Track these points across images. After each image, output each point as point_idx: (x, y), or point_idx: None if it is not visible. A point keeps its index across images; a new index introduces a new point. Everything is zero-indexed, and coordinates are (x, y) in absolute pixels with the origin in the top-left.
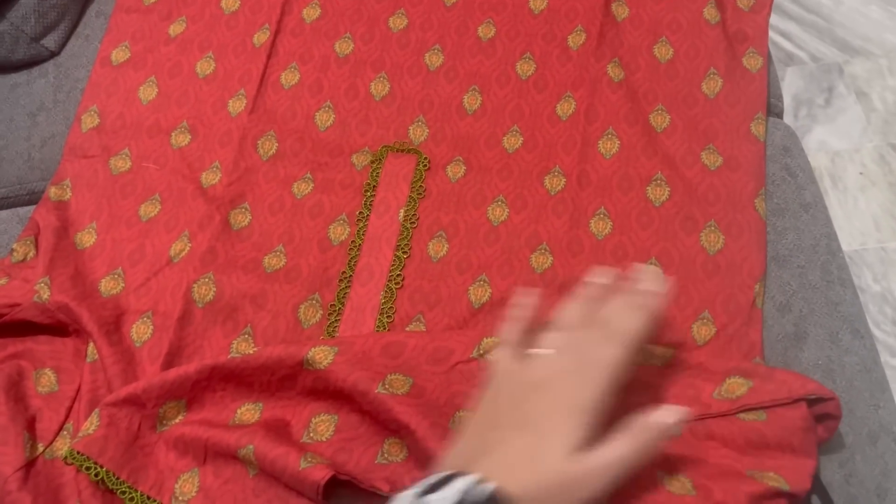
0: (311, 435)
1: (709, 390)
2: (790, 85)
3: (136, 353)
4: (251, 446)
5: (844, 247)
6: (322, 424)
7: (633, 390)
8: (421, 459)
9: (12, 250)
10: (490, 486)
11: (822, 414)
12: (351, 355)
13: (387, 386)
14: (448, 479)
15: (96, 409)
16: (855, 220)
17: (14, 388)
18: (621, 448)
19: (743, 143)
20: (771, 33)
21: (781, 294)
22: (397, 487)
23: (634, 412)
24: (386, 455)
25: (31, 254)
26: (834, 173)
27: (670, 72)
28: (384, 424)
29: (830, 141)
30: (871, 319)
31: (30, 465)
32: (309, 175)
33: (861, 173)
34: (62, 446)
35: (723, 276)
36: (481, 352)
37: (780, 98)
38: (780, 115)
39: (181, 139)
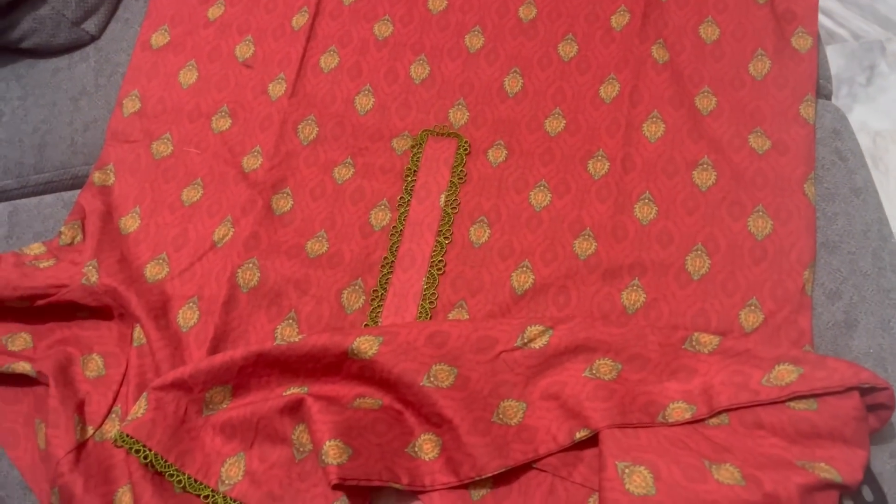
0: (356, 404)
1: (757, 377)
2: (830, 64)
3: (183, 338)
4: (305, 387)
5: None
6: (366, 404)
7: (679, 377)
8: (452, 460)
9: (60, 233)
10: None
11: (875, 404)
12: (396, 345)
13: (432, 378)
14: None
15: (144, 393)
16: None
17: (63, 373)
18: None
19: (792, 125)
20: None
21: (831, 281)
22: (415, 484)
23: (682, 399)
24: (416, 449)
25: (79, 237)
26: (875, 154)
27: (716, 53)
28: (426, 418)
29: (871, 121)
30: None
31: (81, 447)
32: (349, 160)
33: None
34: (111, 429)
35: (771, 261)
36: (525, 340)
37: (829, 79)
38: (828, 96)
39: (222, 123)
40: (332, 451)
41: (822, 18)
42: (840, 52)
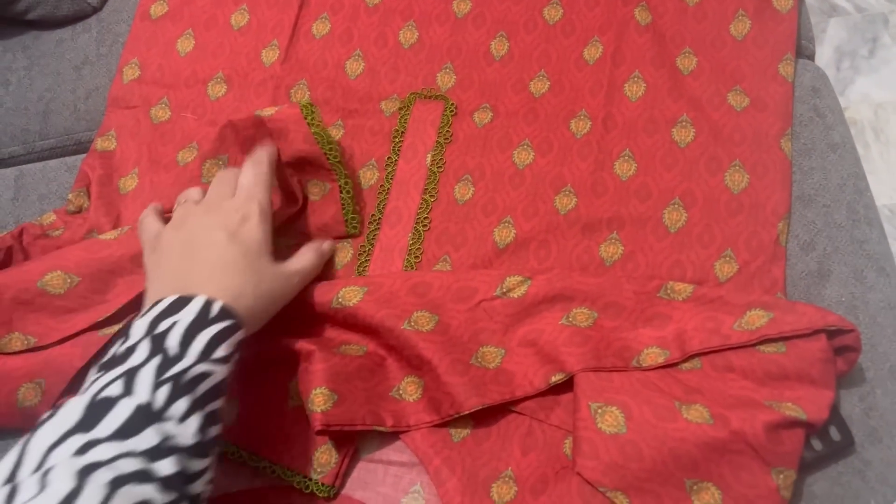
0: (342, 350)
1: (729, 322)
2: (833, 36)
3: None
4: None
5: (885, 200)
6: (351, 350)
7: (653, 324)
8: (434, 399)
9: (68, 201)
10: (219, 303)
11: (842, 346)
12: (379, 295)
13: (412, 323)
14: (179, 303)
15: None
16: None
17: None
18: (307, 259)
19: (770, 83)
20: None
21: (806, 233)
22: (400, 425)
23: (655, 345)
24: (401, 391)
25: (86, 204)
26: (877, 125)
27: (698, 14)
28: (408, 360)
29: (873, 93)
30: None
31: None
32: (339, 122)
33: None
34: None
35: (746, 214)
36: (504, 290)
37: (811, 40)
38: (811, 57)
39: (217, 90)
40: (319, 399)
41: None
42: (843, 25)
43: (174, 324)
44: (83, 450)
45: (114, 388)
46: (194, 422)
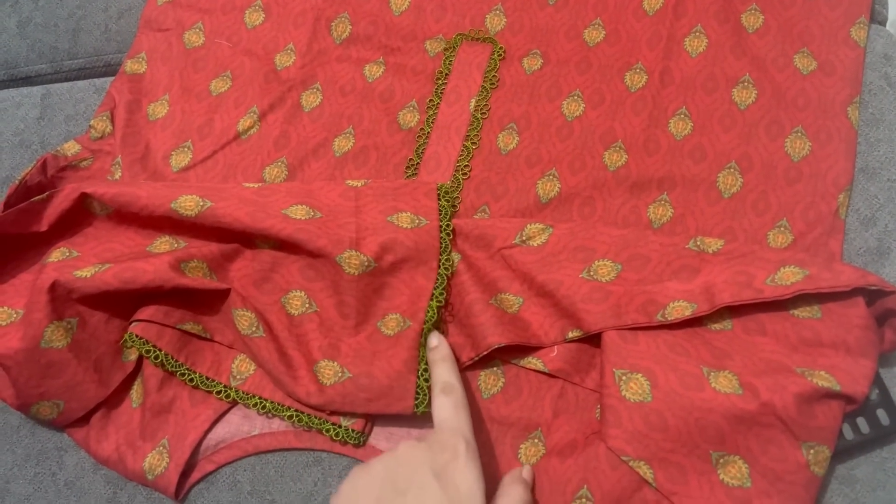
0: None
1: (762, 277)
2: (892, 9)
3: None
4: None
5: None
6: None
7: (680, 277)
8: (454, 346)
9: (90, 127)
10: None
11: (886, 311)
12: None
13: None
14: None
15: None
16: None
17: None
18: (517, 495)
19: (841, 47)
20: None
21: (867, 207)
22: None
23: (682, 298)
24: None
25: (109, 129)
26: None
27: None
28: None
29: None
30: None
31: None
32: (381, 59)
33: None
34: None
35: (805, 183)
36: (524, 238)
37: (884, 5)
38: (883, 23)
39: (255, 17)
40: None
41: None
42: None
43: None
44: None
45: None
46: None
